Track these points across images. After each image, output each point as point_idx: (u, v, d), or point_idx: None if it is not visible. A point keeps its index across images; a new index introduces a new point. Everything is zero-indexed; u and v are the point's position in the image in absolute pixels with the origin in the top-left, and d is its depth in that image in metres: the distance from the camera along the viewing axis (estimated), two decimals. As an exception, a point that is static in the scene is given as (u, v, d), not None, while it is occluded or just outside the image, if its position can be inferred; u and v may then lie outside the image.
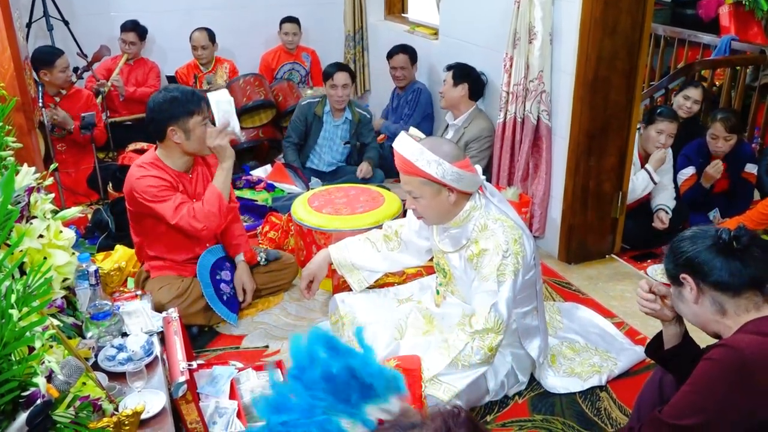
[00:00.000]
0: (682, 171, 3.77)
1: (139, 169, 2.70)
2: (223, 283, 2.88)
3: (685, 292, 1.65)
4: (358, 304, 2.64)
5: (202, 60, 4.98)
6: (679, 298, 1.70)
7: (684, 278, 1.64)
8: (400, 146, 2.20)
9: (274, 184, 4.25)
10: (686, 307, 1.69)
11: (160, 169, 2.71)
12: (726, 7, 5.39)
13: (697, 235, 1.66)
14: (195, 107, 2.66)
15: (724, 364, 1.51)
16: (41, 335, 1.31)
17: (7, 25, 2.65)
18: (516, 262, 2.18)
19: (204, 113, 2.70)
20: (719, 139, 3.60)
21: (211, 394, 2.22)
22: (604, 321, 2.87)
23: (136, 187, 2.67)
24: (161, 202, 2.65)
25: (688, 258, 1.63)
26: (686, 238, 1.67)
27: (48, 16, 4.64)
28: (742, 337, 1.54)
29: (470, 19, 3.96)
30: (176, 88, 2.76)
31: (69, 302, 2.06)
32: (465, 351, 2.14)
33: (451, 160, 2.14)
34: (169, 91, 2.71)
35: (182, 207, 2.66)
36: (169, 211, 2.65)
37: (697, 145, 3.76)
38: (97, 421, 1.57)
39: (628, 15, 3.05)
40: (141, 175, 2.68)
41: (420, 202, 2.24)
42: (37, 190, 1.81)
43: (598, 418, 2.34)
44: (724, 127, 3.58)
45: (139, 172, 2.69)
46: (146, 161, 2.74)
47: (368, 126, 4.31)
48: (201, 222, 2.68)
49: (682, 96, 4.00)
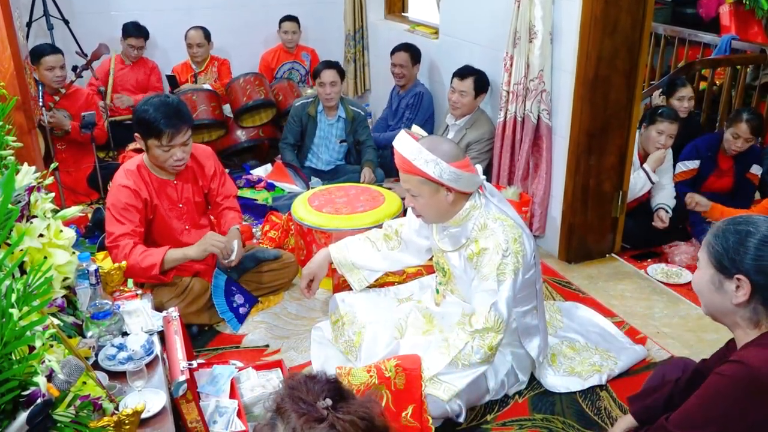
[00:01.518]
0: (685, 162, 3.71)
1: (122, 176, 2.69)
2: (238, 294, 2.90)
3: (729, 287, 1.53)
4: (358, 303, 2.64)
5: (196, 58, 4.99)
6: (713, 283, 1.56)
7: (740, 279, 1.51)
8: (400, 144, 2.20)
9: (275, 184, 4.26)
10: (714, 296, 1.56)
11: (141, 178, 2.70)
12: (726, 6, 5.40)
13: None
14: (155, 133, 2.58)
15: (735, 379, 1.49)
16: (41, 334, 1.31)
17: (7, 24, 2.65)
18: (516, 261, 2.18)
19: (170, 138, 2.59)
20: (740, 139, 3.52)
21: (212, 393, 2.22)
22: (605, 320, 2.87)
23: (110, 192, 2.71)
24: (116, 221, 2.63)
25: (760, 266, 1.48)
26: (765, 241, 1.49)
27: (48, 15, 4.64)
28: (754, 353, 1.51)
29: (470, 18, 3.96)
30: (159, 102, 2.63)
31: (69, 301, 2.06)
32: (465, 350, 2.14)
33: (449, 160, 2.14)
34: (147, 103, 2.63)
35: (123, 239, 2.62)
36: (114, 232, 2.62)
37: (710, 140, 3.70)
38: (98, 420, 1.58)
39: (629, 14, 3.05)
40: (120, 184, 2.66)
41: (418, 200, 2.24)
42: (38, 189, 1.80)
43: (598, 418, 2.34)
44: (749, 128, 3.49)
45: (120, 180, 2.68)
46: (133, 167, 2.72)
47: (363, 123, 4.30)
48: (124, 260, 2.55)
49: (676, 99, 4.00)
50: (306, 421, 1.05)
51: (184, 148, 2.67)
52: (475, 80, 3.73)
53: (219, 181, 2.95)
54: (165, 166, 2.69)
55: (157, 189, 2.74)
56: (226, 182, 3.00)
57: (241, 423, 2.11)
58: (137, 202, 2.67)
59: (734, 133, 3.55)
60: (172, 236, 2.81)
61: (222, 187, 2.96)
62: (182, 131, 2.63)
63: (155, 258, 2.62)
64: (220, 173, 2.96)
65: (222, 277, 2.86)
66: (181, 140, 2.64)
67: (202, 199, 2.93)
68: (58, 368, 1.35)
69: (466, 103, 3.78)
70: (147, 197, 2.70)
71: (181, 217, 2.84)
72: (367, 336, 2.50)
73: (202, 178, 2.89)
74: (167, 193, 2.77)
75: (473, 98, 3.76)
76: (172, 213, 2.80)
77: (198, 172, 2.87)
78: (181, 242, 2.83)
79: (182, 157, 2.68)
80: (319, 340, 2.73)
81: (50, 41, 4.59)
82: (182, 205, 2.83)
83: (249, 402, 2.26)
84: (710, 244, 1.57)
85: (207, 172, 2.90)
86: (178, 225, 2.83)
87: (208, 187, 2.93)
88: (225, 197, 2.98)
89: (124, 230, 2.63)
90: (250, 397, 2.27)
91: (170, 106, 2.62)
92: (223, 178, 2.97)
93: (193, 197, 2.87)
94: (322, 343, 2.71)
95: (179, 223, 2.84)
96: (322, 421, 1.05)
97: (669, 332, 2.85)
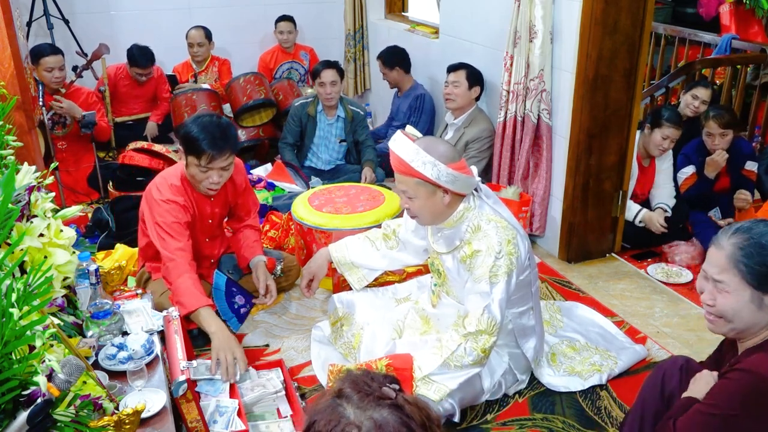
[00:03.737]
0: (682, 170, 3.77)
1: (164, 187, 2.59)
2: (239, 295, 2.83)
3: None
4: (356, 304, 2.64)
5: (197, 58, 4.98)
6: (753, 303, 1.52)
7: None
8: (396, 146, 2.19)
9: (275, 183, 4.25)
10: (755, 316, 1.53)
11: (183, 192, 2.62)
12: (726, 5, 5.39)
13: None
14: (196, 151, 2.49)
15: (741, 385, 1.49)
16: (42, 334, 1.32)
17: (7, 23, 2.65)
18: (509, 263, 2.16)
19: (209, 160, 2.49)
20: (715, 136, 3.60)
21: (210, 393, 2.22)
22: (605, 320, 2.87)
23: (152, 207, 2.57)
24: (168, 237, 2.52)
25: None
26: None
27: (48, 14, 4.64)
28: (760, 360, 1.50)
29: (471, 17, 3.95)
30: (208, 121, 2.53)
31: (69, 301, 2.06)
32: (458, 352, 2.13)
33: (446, 162, 2.13)
34: (197, 120, 2.54)
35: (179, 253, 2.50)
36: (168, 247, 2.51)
37: (696, 145, 3.76)
38: (98, 419, 1.58)
39: (629, 14, 3.05)
40: (168, 199, 2.56)
41: (414, 202, 2.23)
42: (38, 188, 1.81)
43: (598, 417, 2.34)
44: (717, 123, 3.58)
45: (165, 194, 2.57)
46: (176, 182, 2.62)
47: (363, 123, 4.31)
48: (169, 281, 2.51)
49: (691, 95, 3.98)
50: (374, 399, 1.04)
51: (222, 172, 2.55)
52: (468, 72, 3.75)
53: (245, 196, 2.90)
54: (199, 186, 2.60)
55: (197, 204, 2.68)
56: (251, 196, 2.95)
57: (241, 423, 2.11)
58: (186, 217, 2.59)
59: (707, 132, 3.64)
60: (197, 249, 2.75)
61: (247, 202, 2.92)
62: (224, 155, 2.51)
63: (189, 303, 2.41)
64: (247, 187, 2.91)
65: (222, 278, 2.85)
66: (221, 164, 2.52)
67: (226, 213, 2.90)
68: (58, 368, 1.35)
69: (459, 94, 3.77)
70: (193, 213, 2.64)
71: (206, 230, 2.81)
72: (366, 337, 2.50)
73: (233, 194, 2.84)
74: (202, 209, 2.72)
75: (467, 89, 3.75)
76: (202, 227, 2.78)
77: (230, 189, 2.81)
78: (201, 253, 2.80)
79: (218, 181, 2.56)
80: (319, 340, 2.73)
81: (50, 41, 4.58)
82: (211, 221, 2.79)
83: (249, 402, 2.26)
84: (742, 264, 1.51)
85: (238, 189, 2.84)
86: (201, 237, 2.81)
87: (236, 202, 2.87)
88: (246, 212, 2.93)
89: (178, 245, 2.51)
90: (250, 397, 2.27)
91: (217, 128, 2.51)
92: (248, 192, 2.93)
93: (221, 212, 2.83)
94: (322, 343, 2.71)
95: (203, 237, 2.82)
96: (389, 399, 1.05)
97: (669, 332, 2.85)
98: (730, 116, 3.63)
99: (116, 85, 4.66)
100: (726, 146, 3.62)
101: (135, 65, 4.58)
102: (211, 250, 2.89)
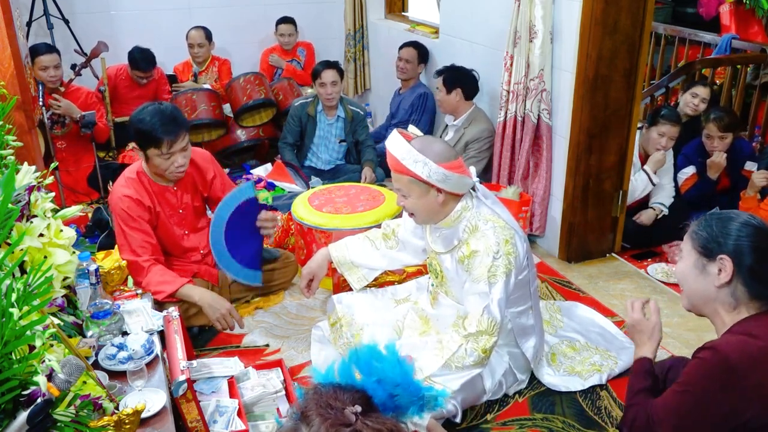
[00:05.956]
0: (683, 171, 3.77)
1: (123, 185, 2.68)
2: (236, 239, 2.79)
3: (712, 270, 1.61)
4: (355, 305, 2.64)
5: (197, 58, 4.98)
6: (696, 267, 1.64)
7: (723, 260, 1.58)
8: (391, 144, 2.20)
9: (275, 183, 4.25)
10: (697, 281, 1.64)
11: (141, 185, 2.70)
12: (726, 5, 5.39)
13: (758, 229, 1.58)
14: (154, 142, 2.57)
15: (709, 364, 1.55)
16: (42, 334, 1.31)
17: (7, 23, 2.65)
18: (508, 263, 2.16)
19: (169, 146, 2.58)
20: (714, 138, 3.63)
21: (206, 392, 2.22)
22: (605, 320, 2.87)
23: (113, 204, 2.68)
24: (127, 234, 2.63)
25: (741, 246, 1.57)
26: (746, 224, 1.59)
27: (48, 14, 4.64)
28: (728, 339, 1.57)
29: (471, 17, 3.95)
30: (153, 110, 2.60)
31: (69, 301, 2.06)
32: (458, 353, 2.13)
33: (438, 161, 2.13)
34: (142, 113, 2.60)
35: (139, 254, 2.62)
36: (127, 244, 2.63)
37: (696, 145, 3.76)
38: (98, 419, 1.58)
39: (629, 13, 3.05)
40: (123, 194, 2.65)
41: (408, 200, 2.25)
42: (38, 188, 1.81)
43: (598, 417, 2.34)
44: (717, 126, 3.61)
45: (122, 189, 2.67)
46: (133, 175, 2.71)
47: (362, 123, 4.31)
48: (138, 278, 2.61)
49: (690, 94, 3.99)
50: (331, 425, 1.01)
51: (184, 153, 2.65)
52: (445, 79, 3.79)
53: (219, 184, 2.92)
54: (166, 174, 2.67)
55: (158, 196, 2.74)
56: (227, 184, 2.98)
57: (241, 422, 2.11)
58: (143, 212, 2.67)
59: (707, 134, 3.67)
60: (174, 242, 2.82)
61: (225, 188, 2.93)
62: (180, 137, 2.61)
63: (171, 287, 2.60)
64: (219, 176, 2.94)
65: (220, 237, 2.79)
66: (181, 146, 2.62)
67: (201, 203, 2.92)
68: (58, 368, 1.35)
69: (444, 102, 3.85)
70: (150, 205, 2.70)
71: (181, 222, 2.84)
72: (365, 337, 2.50)
73: (202, 183, 2.88)
74: (167, 200, 2.77)
75: (446, 93, 3.80)
76: (172, 219, 2.80)
77: (197, 177, 2.86)
78: (182, 247, 2.83)
79: (183, 162, 2.66)
80: (319, 340, 2.73)
81: (50, 41, 4.59)
82: (182, 211, 2.82)
83: (249, 401, 2.26)
84: (694, 232, 1.66)
85: (207, 177, 2.88)
86: (178, 231, 2.83)
87: (209, 191, 2.91)
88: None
89: (137, 243, 2.63)
90: (250, 396, 2.27)
91: (165, 114, 2.59)
92: (223, 180, 2.95)
93: (192, 202, 2.86)
94: (322, 343, 2.71)
95: (179, 229, 2.84)
96: (348, 426, 1.01)
97: (669, 332, 2.84)
98: (730, 119, 3.64)
99: (116, 86, 4.64)
100: (725, 149, 3.63)
101: (136, 68, 4.58)
102: (196, 242, 2.88)
